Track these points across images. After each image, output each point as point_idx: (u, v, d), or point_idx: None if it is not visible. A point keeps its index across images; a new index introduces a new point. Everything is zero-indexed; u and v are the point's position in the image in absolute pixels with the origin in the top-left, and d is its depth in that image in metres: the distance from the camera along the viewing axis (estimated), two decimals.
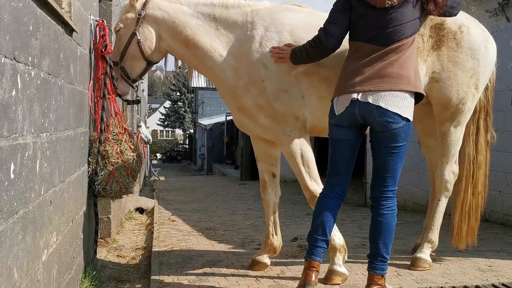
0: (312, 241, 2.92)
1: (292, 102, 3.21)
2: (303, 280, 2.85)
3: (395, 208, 2.90)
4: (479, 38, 3.57)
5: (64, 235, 2.67)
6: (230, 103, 3.44)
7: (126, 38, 3.33)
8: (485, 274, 3.59)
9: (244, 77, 3.25)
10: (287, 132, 3.24)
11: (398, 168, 2.85)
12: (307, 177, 3.26)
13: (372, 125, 2.80)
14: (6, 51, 1.69)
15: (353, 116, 2.80)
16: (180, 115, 47.01)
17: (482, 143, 3.91)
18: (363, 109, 2.76)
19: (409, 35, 2.81)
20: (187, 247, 4.52)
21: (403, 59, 2.79)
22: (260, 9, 3.34)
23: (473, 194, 3.90)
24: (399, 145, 2.80)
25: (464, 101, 3.57)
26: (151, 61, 3.41)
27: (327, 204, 2.95)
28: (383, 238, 2.85)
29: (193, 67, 3.51)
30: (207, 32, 3.30)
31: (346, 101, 2.80)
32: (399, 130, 2.76)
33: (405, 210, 7.32)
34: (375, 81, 2.75)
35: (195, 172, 26.98)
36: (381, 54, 2.78)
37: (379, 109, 2.73)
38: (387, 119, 2.73)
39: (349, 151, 2.93)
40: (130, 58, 3.37)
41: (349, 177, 2.99)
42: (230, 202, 8.67)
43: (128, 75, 3.40)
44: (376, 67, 2.77)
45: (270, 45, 3.21)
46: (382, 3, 2.76)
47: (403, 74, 2.77)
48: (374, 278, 2.86)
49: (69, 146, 2.81)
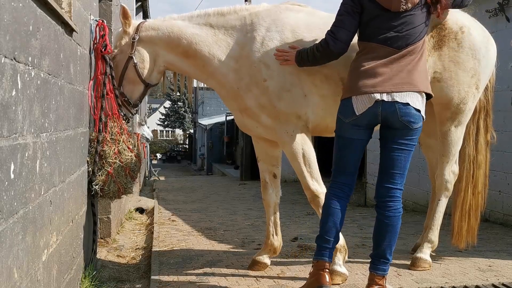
0: (322, 242, 2.89)
1: (294, 101, 3.20)
2: (317, 281, 2.81)
3: (401, 210, 2.88)
4: (480, 39, 3.58)
5: (64, 235, 2.67)
6: (232, 106, 3.45)
7: (123, 64, 3.42)
8: (485, 274, 3.59)
9: (245, 78, 3.25)
10: (289, 132, 3.24)
11: (406, 167, 2.85)
12: (308, 177, 3.26)
13: (393, 124, 2.80)
14: (6, 51, 1.69)
15: (374, 116, 2.80)
16: (180, 115, 47.03)
17: (482, 143, 3.92)
18: (386, 109, 2.76)
19: (421, 38, 2.85)
20: (187, 247, 4.52)
21: (417, 61, 2.83)
22: (259, 11, 3.35)
23: (473, 194, 3.91)
24: (412, 143, 2.84)
25: (465, 101, 3.58)
26: (149, 83, 3.48)
27: (336, 204, 2.92)
28: (388, 241, 2.84)
29: (195, 77, 3.56)
30: (204, 40, 3.34)
31: (369, 101, 2.77)
32: (418, 130, 2.82)
33: (405, 210, 7.22)
34: (395, 82, 2.76)
35: (195, 172, 26.98)
36: (398, 57, 2.80)
37: (403, 109, 2.74)
38: (409, 119, 2.76)
39: (360, 150, 2.94)
40: (128, 82, 3.45)
41: (356, 176, 3.00)
42: (230, 202, 8.67)
43: (129, 100, 3.49)
44: (394, 68, 2.79)
45: (272, 44, 3.21)
46: (397, 7, 2.78)
47: (419, 75, 2.81)
48: (375, 279, 2.85)
49: (69, 146, 2.81)
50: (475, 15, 3.77)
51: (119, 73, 3.44)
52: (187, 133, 45.02)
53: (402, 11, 2.79)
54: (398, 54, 2.80)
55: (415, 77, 2.80)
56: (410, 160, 2.88)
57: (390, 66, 2.79)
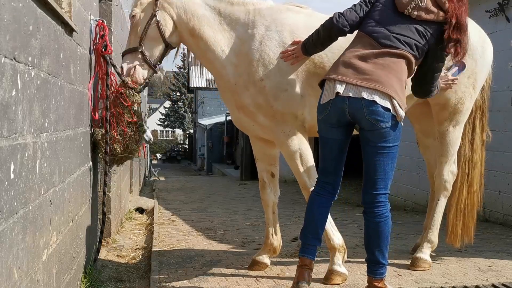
0: (304, 239, 2.92)
1: (291, 101, 3.20)
2: (296, 278, 2.85)
3: (388, 214, 2.81)
4: (476, 39, 3.60)
5: (64, 235, 2.67)
6: (229, 101, 3.44)
7: (145, 21, 3.28)
8: (485, 274, 3.59)
9: (243, 75, 3.24)
10: (285, 132, 3.24)
11: (389, 170, 2.75)
12: (305, 177, 3.27)
13: (361, 123, 2.72)
14: (6, 51, 1.69)
15: (342, 112, 2.73)
16: (180, 115, 47.04)
17: (478, 143, 3.93)
18: (353, 105, 2.68)
19: (412, 53, 2.76)
20: (187, 247, 4.52)
21: (399, 68, 2.73)
22: (262, 8, 3.34)
23: (468, 193, 3.92)
24: (389, 145, 2.71)
25: (462, 101, 3.59)
26: (169, 43, 3.35)
27: (318, 201, 2.94)
28: (379, 246, 2.80)
29: (197, 57, 3.52)
30: (211, 25, 3.31)
31: (333, 89, 2.73)
32: (388, 129, 2.68)
33: (405, 210, 7.32)
34: (365, 77, 2.68)
35: (195, 172, 26.97)
36: (378, 53, 2.74)
37: (369, 106, 2.64)
38: (376, 117, 2.65)
39: (337, 150, 2.89)
40: (149, 41, 3.31)
41: (339, 176, 2.95)
42: (230, 202, 8.67)
43: (150, 59, 3.32)
44: (370, 63, 2.72)
45: (270, 44, 3.21)
46: (403, 7, 2.76)
47: (396, 82, 2.70)
48: (373, 282, 2.84)
49: (69, 146, 2.82)
50: (475, 15, 3.77)
51: (140, 32, 3.29)
52: (187, 133, 45.02)
53: (406, 15, 2.76)
54: (380, 51, 2.74)
55: (391, 81, 2.67)
56: (395, 161, 2.78)
57: (367, 60, 2.73)
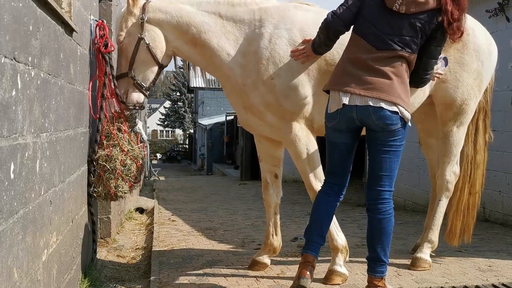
0: (308, 236, 2.93)
1: (301, 100, 3.17)
2: (298, 274, 2.84)
3: (392, 211, 2.84)
4: (484, 41, 3.63)
5: (64, 235, 2.67)
6: (237, 102, 3.39)
7: (133, 46, 3.24)
8: (485, 274, 3.59)
9: (252, 75, 3.20)
10: (294, 131, 3.22)
11: (394, 167, 2.80)
12: (312, 177, 3.26)
13: (371, 127, 2.77)
14: (6, 51, 1.69)
15: (351, 120, 2.78)
16: (180, 115, 47.04)
17: (481, 143, 3.94)
18: (361, 113, 2.72)
19: (409, 52, 2.73)
20: (187, 247, 4.52)
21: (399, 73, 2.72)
22: (268, 7, 3.30)
23: (470, 193, 3.93)
24: (396, 144, 2.76)
25: (467, 102, 3.61)
26: (162, 64, 3.33)
27: (325, 200, 2.95)
28: (381, 243, 2.81)
29: (201, 66, 3.45)
30: (213, 30, 3.25)
31: (339, 100, 2.75)
32: (398, 129, 2.73)
33: (405, 210, 7.32)
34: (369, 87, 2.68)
35: (195, 172, 26.96)
36: (377, 58, 2.71)
37: (377, 112, 2.67)
38: (385, 121, 2.70)
39: (347, 153, 2.92)
40: (140, 65, 3.28)
41: (347, 177, 2.98)
42: (230, 202, 8.67)
43: (141, 84, 3.31)
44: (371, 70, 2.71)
45: (280, 42, 3.16)
46: (391, 3, 2.69)
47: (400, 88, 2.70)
48: (373, 281, 2.84)
49: (69, 146, 2.81)
50: (475, 15, 3.78)
51: (129, 56, 3.26)
52: (187, 133, 45.01)
53: (395, 11, 2.68)
54: (377, 55, 2.71)
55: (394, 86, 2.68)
56: (400, 160, 2.82)
57: (367, 68, 2.71)
